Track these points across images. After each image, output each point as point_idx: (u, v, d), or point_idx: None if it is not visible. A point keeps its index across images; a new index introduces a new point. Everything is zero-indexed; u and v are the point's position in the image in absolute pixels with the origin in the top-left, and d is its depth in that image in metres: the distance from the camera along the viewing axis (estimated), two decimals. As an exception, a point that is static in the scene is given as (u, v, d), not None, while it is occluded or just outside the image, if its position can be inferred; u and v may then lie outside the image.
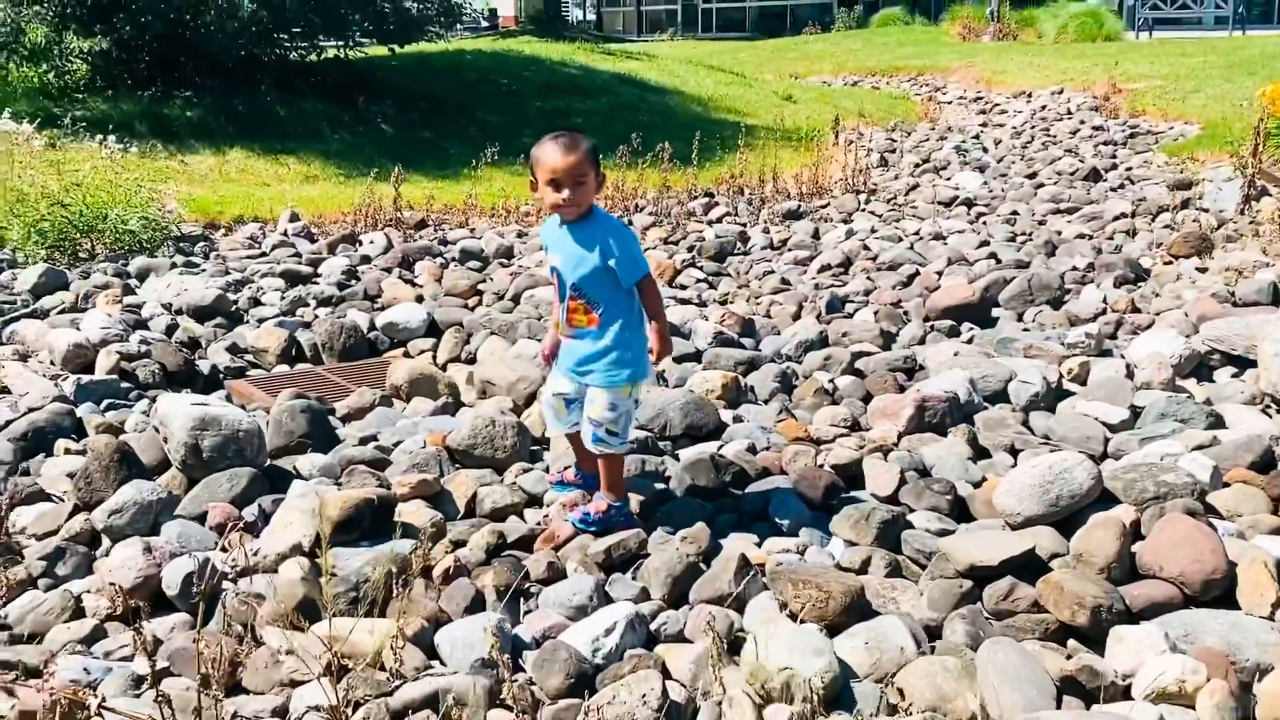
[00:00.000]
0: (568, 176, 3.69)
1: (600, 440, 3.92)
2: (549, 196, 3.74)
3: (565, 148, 3.70)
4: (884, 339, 6.37)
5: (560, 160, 3.69)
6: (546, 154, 3.72)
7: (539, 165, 3.74)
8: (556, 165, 3.69)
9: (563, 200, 3.72)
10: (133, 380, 5.76)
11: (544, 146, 3.75)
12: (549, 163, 3.70)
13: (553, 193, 3.72)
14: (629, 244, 3.84)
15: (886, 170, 13.35)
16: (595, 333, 3.87)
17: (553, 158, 3.70)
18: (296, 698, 3.02)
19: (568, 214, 3.79)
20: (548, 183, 3.72)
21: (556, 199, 3.72)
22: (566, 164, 3.69)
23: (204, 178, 11.43)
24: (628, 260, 3.81)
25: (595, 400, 3.90)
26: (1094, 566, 3.50)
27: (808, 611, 3.35)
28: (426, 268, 8.19)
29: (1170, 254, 8.01)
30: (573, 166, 3.70)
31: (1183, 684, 2.98)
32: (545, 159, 3.71)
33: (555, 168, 3.69)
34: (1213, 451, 4.31)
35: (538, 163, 3.75)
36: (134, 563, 3.59)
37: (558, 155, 3.69)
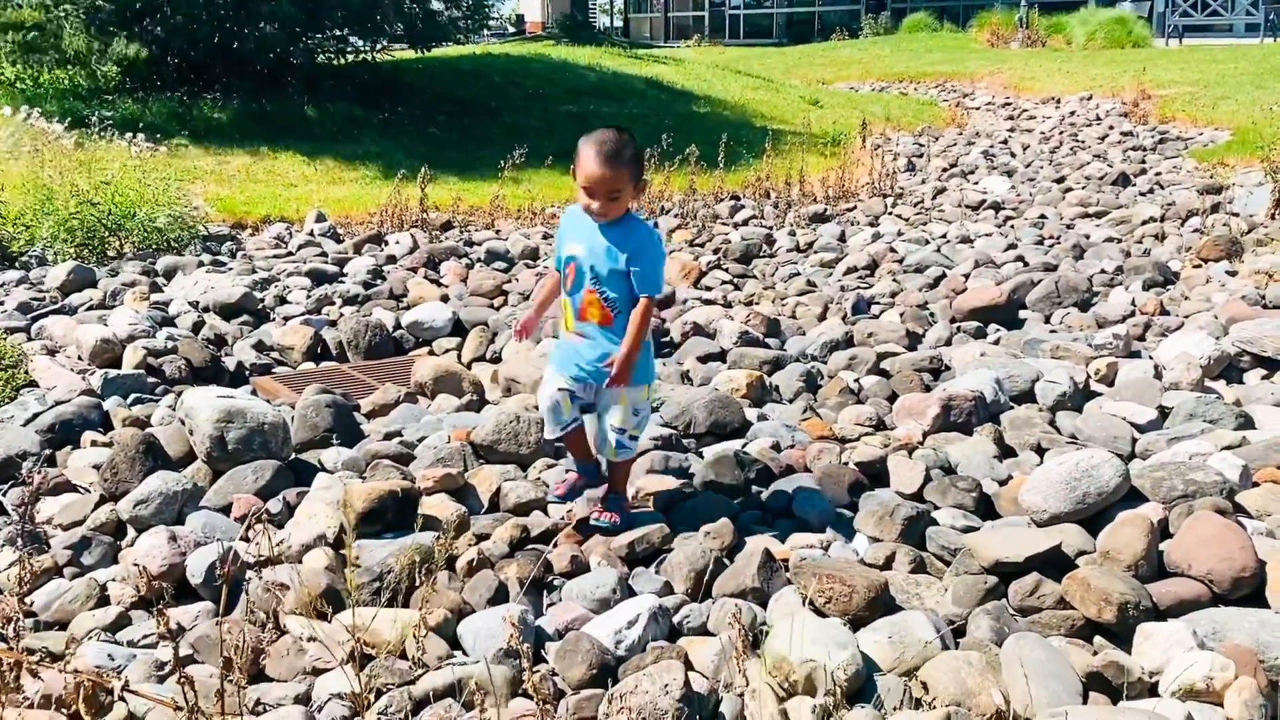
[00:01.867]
0: (602, 188, 3.59)
1: (623, 447, 3.87)
2: (582, 196, 3.65)
3: (606, 160, 3.56)
4: (910, 340, 6.34)
5: (597, 171, 3.57)
6: (587, 160, 3.58)
7: (579, 167, 3.62)
8: (593, 175, 3.58)
9: (594, 210, 3.64)
10: (159, 375, 5.80)
11: (588, 149, 3.59)
12: (587, 169, 3.58)
13: (584, 197, 3.63)
14: (657, 259, 3.76)
15: (913, 175, 13.31)
16: (607, 332, 3.75)
17: (591, 166, 3.57)
18: (319, 685, 3.02)
19: (598, 220, 3.69)
20: (584, 188, 3.62)
21: (588, 205, 3.65)
22: (603, 177, 3.58)
23: (231, 178, 11.50)
24: (650, 275, 3.73)
25: (616, 407, 3.82)
26: (1121, 564, 3.47)
27: (831, 605, 3.34)
28: (452, 268, 8.21)
29: (1199, 257, 7.95)
30: (609, 181, 3.59)
31: (1211, 681, 2.95)
32: (585, 164, 3.59)
33: (591, 177, 3.58)
34: (1242, 451, 4.27)
35: (579, 162, 3.62)
36: (159, 551, 3.60)
37: (597, 166, 3.56)
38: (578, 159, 3.62)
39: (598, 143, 3.59)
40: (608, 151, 3.57)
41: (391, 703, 2.88)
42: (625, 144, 3.62)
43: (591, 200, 3.62)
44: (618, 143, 3.60)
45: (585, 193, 3.61)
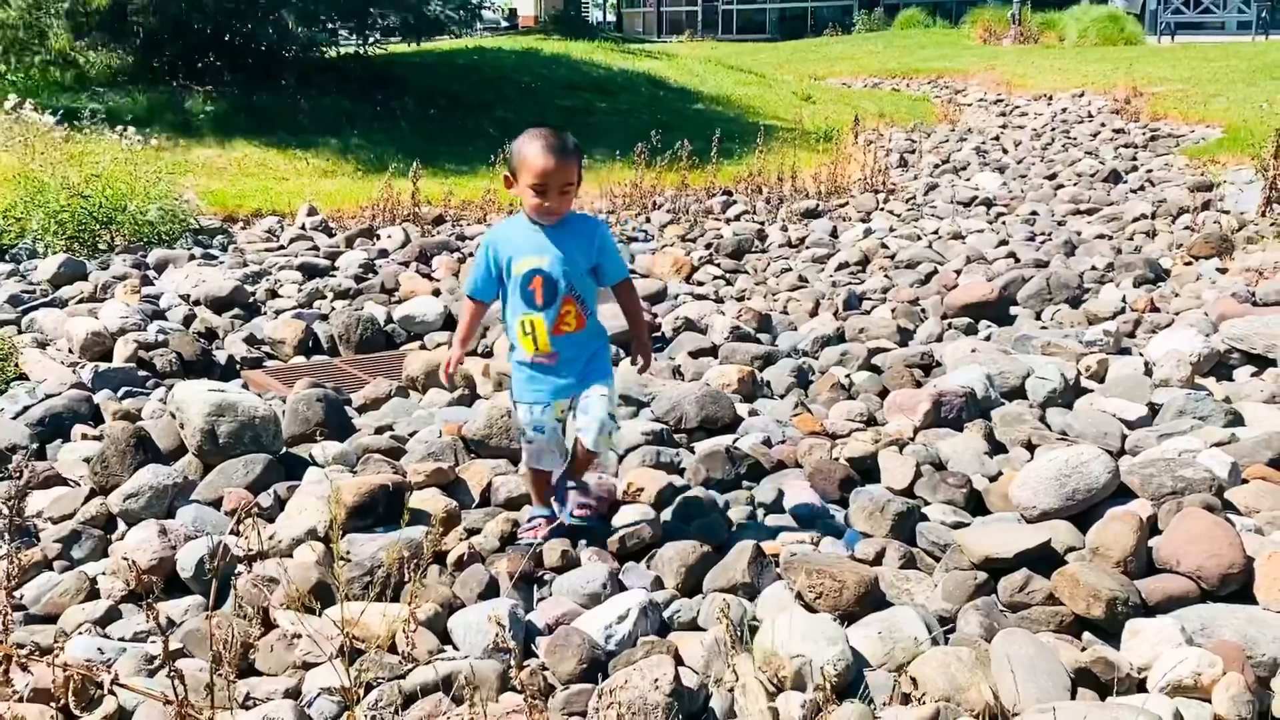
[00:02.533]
0: (555, 183, 3.44)
1: (611, 433, 3.69)
2: (530, 199, 3.47)
3: (558, 153, 3.42)
4: (901, 336, 6.36)
5: (551, 165, 3.41)
6: (535, 156, 3.41)
7: (524, 166, 3.44)
8: (547, 170, 3.41)
9: (546, 209, 3.48)
10: (150, 369, 5.79)
11: (531, 146, 3.43)
12: (537, 166, 3.41)
13: (535, 197, 3.45)
14: (613, 242, 3.70)
15: (905, 170, 13.32)
16: (581, 335, 3.62)
17: (542, 161, 3.41)
18: (309, 679, 3.02)
19: (549, 220, 3.53)
20: (532, 186, 3.43)
21: (539, 204, 3.47)
22: (558, 171, 3.43)
23: (223, 171, 11.48)
24: (616, 259, 3.68)
25: (601, 396, 3.63)
26: (1110, 560, 3.48)
27: (822, 601, 3.34)
28: (444, 262, 8.21)
29: (1190, 255, 7.97)
30: (562, 173, 3.45)
31: (1199, 677, 2.95)
32: (533, 161, 3.41)
33: (545, 172, 3.41)
34: (1231, 448, 4.28)
35: (523, 163, 3.44)
36: (149, 545, 3.60)
37: (548, 160, 3.41)
38: (519, 159, 3.46)
39: (541, 138, 3.44)
40: (555, 145, 3.43)
41: (381, 697, 2.88)
42: (567, 137, 3.50)
43: (543, 199, 3.45)
44: (561, 135, 3.48)
45: (535, 191, 3.44)
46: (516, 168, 3.49)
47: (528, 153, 3.43)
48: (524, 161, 3.44)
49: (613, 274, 3.69)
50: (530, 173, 3.42)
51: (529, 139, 3.45)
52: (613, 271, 3.68)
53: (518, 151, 3.48)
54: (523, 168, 3.45)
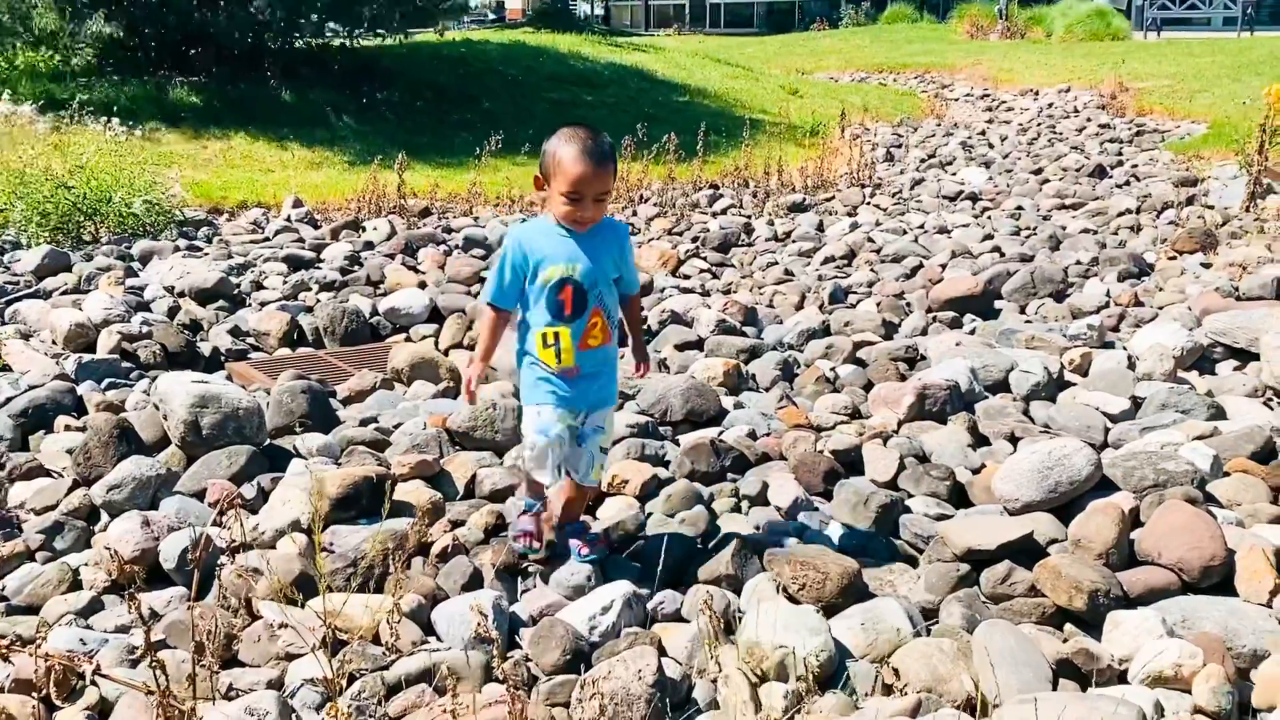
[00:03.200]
0: (592, 192, 3.21)
1: (602, 465, 3.54)
2: (561, 206, 3.22)
3: (595, 159, 3.18)
4: (886, 329, 6.37)
5: (589, 173, 3.17)
6: (570, 162, 3.16)
7: (560, 170, 3.18)
8: (584, 178, 3.17)
9: (581, 217, 3.25)
10: (134, 360, 5.77)
11: (567, 149, 3.18)
12: (573, 173, 3.16)
13: (567, 204, 3.21)
14: (632, 251, 3.51)
15: (892, 165, 13.34)
16: (605, 349, 3.39)
17: (578, 168, 3.16)
18: (292, 671, 3.02)
19: (580, 228, 3.28)
20: (566, 194, 3.19)
21: (572, 213, 3.23)
22: (595, 179, 3.20)
23: (208, 163, 11.44)
24: (634, 270, 3.51)
25: (597, 429, 3.44)
26: (1092, 552, 3.49)
27: (805, 592, 3.35)
28: (430, 255, 8.20)
29: (1175, 249, 7.99)
30: (601, 182, 3.22)
31: (1179, 668, 2.97)
32: (569, 167, 3.16)
33: (581, 180, 3.17)
34: (1213, 441, 4.30)
35: (559, 166, 3.18)
36: (132, 536, 3.59)
37: (585, 167, 3.16)
38: (553, 162, 3.20)
39: (581, 141, 3.18)
40: (593, 150, 3.18)
41: (365, 688, 2.88)
42: (607, 142, 3.26)
43: (578, 208, 3.21)
44: (599, 138, 3.23)
45: (568, 199, 3.19)
46: (549, 170, 3.23)
47: (563, 156, 3.18)
48: (558, 166, 3.19)
49: (630, 285, 3.51)
50: (565, 179, 3.18)
51: (564, 141, 3.20)
52: (630, 283, 3.51)
53: (551, 153, 3.22)
54: (557, 172, 3.20)
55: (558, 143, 3.21)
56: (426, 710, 2.78)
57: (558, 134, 3.24)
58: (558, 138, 3.23)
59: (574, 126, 3.26)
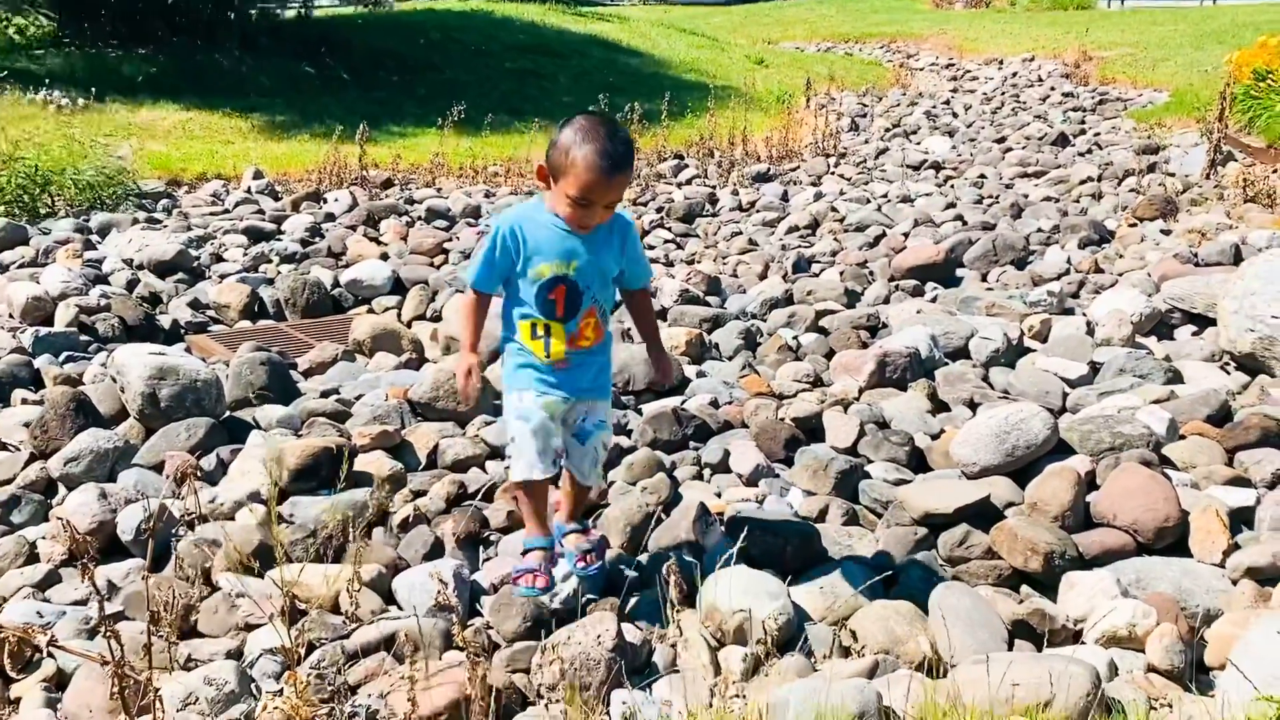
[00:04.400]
0: (603, 201, 2.90)
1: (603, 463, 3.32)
2: (566, 207, 2.89)
3: (617, 167, 2.83)
4: (849, 298, 6.39)
5: (607, 182, 2.83)
6: (589, 168, 2.80)
7: (572, 171, 2.82)
8: (597, 186, 2.84)
9: (585, 222, 2.94)
10: (92, 333, 5.72)
11: (584, 150, 2.80)
12: (589, 179, 2.81)
13: (573, 208, 2.88)
14: (639, 242, 3.18)
15: (857, 134, 13.33)
16: (597, 347, 3.12)
17: (593, 175, 2.81)
18: (251, 641, 3.01)
19: (583, 230, 2.98)
20: (576, 198, 2.85)
21: (577, 216, 2.91)
22: (611, 189, 2.88)
23: (167, 134, 11.29)
24: (643, 262, 3.20)
25: (599, 424, 3.21)
26: (1048, 515, 3.53)
27: (765, 557, 3.37)
28: (392, 226, 8.15)
29: (1135, 216, 8.04)
30: (616, 192, 2.91)
31: (1133, 628, 3.01)
32: (585, 173, 2.81)
33: (594, 188, 2.84)
34: (1170, 405, 4.35)
35: (571, 166, 2.82)
36: (89, 509, 3.56)
37: (604, 176, 2.81)
38: (565, 160, 2.83)
39: (599, 143, 2.80)
40: (614, 154, 2.82)
41: (324, 657, 2.88)
42: (624, 136, 2.89)
43: (586, 213, 2.89)
44: (619, 138, 2.86)
45: (577, 204, 2.86)
46: (558, 166, 2.86)
47: (577, 157, 2.81)
48: (571, 165, 2.82)
49: (636, 278, 3.20)
50: (576, 182, 2.83)
51: (581, 138, 2.81)
52: (637, 275, 3.19)
53: (564, 149, 2.83)
54: (569, 172, 2.83)
55: (572, 138, 2.82)
56: (386, 678, 2.78)
57: (573, 126, 2.86)
58: (573, 131, 2.83)
59: (592, 119, 2.88)
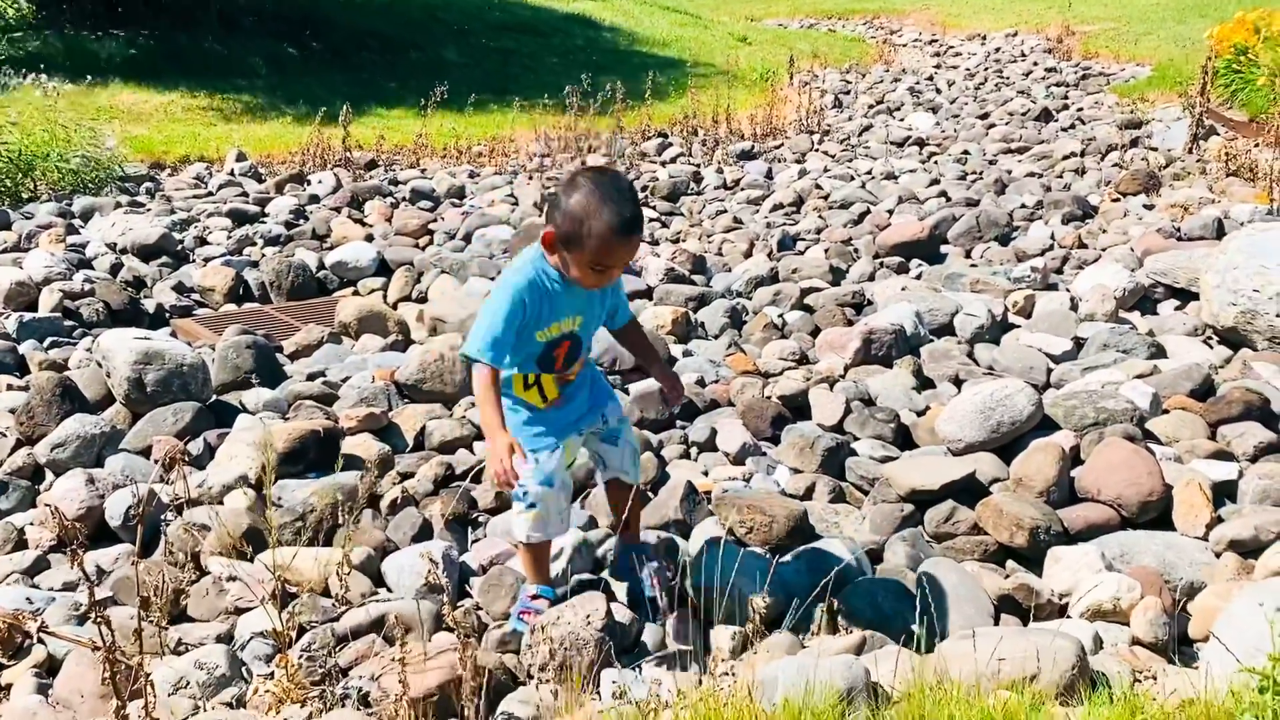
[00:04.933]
0: (624, 263, 2.87)
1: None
2: (579, 271, 2.79)
3: (636, 231, 2.78)
4: (834, 275, 6.40)
5: (627, 249, 2.81)
6: (610, 239, 2.72)
7: (592, 243, 2.72)
8: (621, 253, 2.79)
9: (602, 284, 2.88)
10: (76, 318, 5.70)
11: (606, 223, 2.70)
12: (612, 248, 2.74)
13: (591, 273, 2.78)
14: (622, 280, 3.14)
15: (840, 111, 13.33)
16: (583, 372, 3.09)
17: (619, 244, 2.74)
18: (241, 624, 3.02)
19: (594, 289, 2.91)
20: (593, 265, 2.76)
21: (593, 280, 2.82)
22: (632, 251, 2.87)
23: (149, 117, 11.23)
24: (625, 302, 3.20)
25: (622, 419, 3.18)
26: (1033, 490, 3.55)
27: (752, 535, 3.39)
28: (376, 207, 8.13)
29: (1118, 191, 8.06)
30: (635, 252, 2.94)
31: (1118, 601, 3.04)
32: (606, 244, 2.72)
33: (618, 254, 2.78)
34: (1153, 380, 4.38)
35: (590, 237, 2.71)
36: (77, 494, 3.56)
37: (625, 243, 2.76)
38: (582, 231, 2.72)
39: (617, 212, 2.71)
40: (633, 219, 2.75)
41: (315, 639, 2.89)
42: (637, 196, 2.87)
43: (603, 277, 2.83)
44: (636, 201, 2.81)
45: (595, 270, 2.78)
46: (574, 236, 2.74)
47: (594, 229, 2.71)
48: (590, 236, 2.72)
49: (624, 315, 3.18)
50: (595, 253, 2.74)
51: (598, 208, 2.71)
52: (624, 313, 3.18)
53: (577, 219, 2.73)
54: (585, 244, 2.73)
55: (588, 206, 2.71)
56: (377, 659, 2.80)
57: (581, 191, 2.74)
58: (583, 198, 2.72)
59: (597, 181, 2.77)
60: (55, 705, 2.71)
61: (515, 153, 10.58)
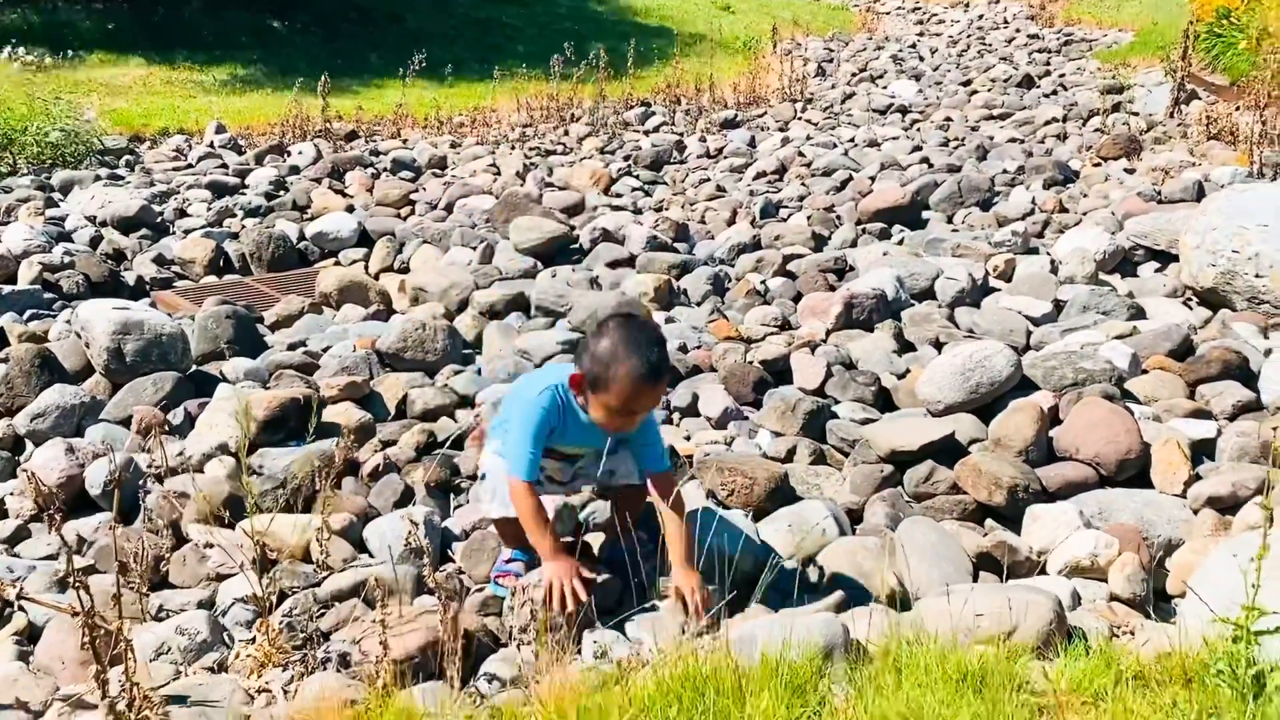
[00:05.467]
0: (647, 408, 2.93)
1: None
2: (604, 414, 2.85)
3: (660, 375, 2.86)
4: (816, 242, 6.40)
5: (652, 395, 2.88)
6: (634, 387, 2.78)
7: (617, 389, 2.78)
8: (645, 399, 2.86)
9: (624, 428, 2.92)
10: (56, 291, 5.68)
11: (630, 370, 2.76)
12: (636, 395, 2.81)
13: (615, 417, 2.86)
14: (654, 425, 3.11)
15: (824, 80, 13.30)
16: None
17: (643, 389, 2.80)
18: (223, 590, 3.03)
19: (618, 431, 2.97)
20: (617, 410, 2.83)
21: (616, 424, 2.89)
22: (655, 397, 2.94)
23: (127, 90, 11.15)
24: (658, 445, 3.09)
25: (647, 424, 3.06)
26: (1012, 450, 3.57)
27: (734, 498, 3.40)
28: (357, 178, 8.09)
29: (1099, 156, 8.08)
30: (659, 397, 3.02)
31: (1096, 558, 3.06)
32: (630, 391, 2.78)
33: (642, 400, 2.84)
34: (1132, 340, 4.39)
35: (615, 383, 2.78)
36: (56, 463, 3.55)
37: (650, 388, 2.83)
38: (609, 376, 2.78)
39: (641, 358, 2.77)
40: (659, 365, 2.83)
41: (296, 605, 2.89)
42: (663, 341, 2.92)
43: (627, 423, 2.90)
44: (660, 345, 2.87)
45: (618, 414, 2.85)
46: (598, 379, 2.81)
47: (620, 374, 2.77)
48: (615, 382, 2.78)
49: (649, 459, 3.02)
50: (620, 397, 2.80)
51: (624, 355, 2.77)
52: (649, 456, 3.03)
53: (604, 363, 2.79)
54: (609, 387, 2.79)
55: (612, 353, 2.79)
56: (358, 624, 2.80)
57: (609, 337, 2.81)
58: (611, 345, 2.80)
59: (626, 328, 2.83)
60: (36, 672, 2.71)
61: (497, 123, 10.53)
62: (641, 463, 3.02)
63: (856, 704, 2.25)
